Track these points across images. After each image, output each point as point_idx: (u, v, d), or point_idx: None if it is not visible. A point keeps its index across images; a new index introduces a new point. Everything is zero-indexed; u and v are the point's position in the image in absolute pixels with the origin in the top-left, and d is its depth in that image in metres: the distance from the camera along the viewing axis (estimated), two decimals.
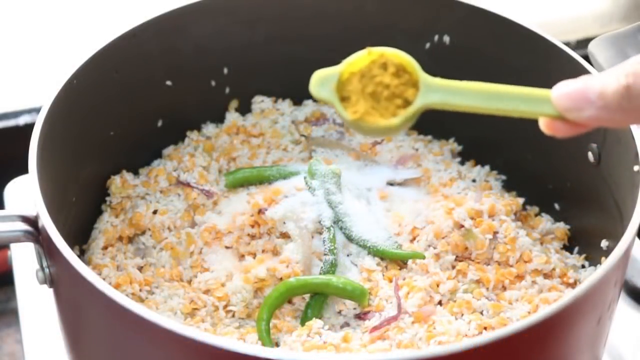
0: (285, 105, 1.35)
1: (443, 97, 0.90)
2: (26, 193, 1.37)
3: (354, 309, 1.12)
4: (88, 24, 1.85)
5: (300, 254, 1.15)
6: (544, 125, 0.89)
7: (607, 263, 0.95)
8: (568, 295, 0.91)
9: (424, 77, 0.91)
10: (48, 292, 1.06)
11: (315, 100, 1.35)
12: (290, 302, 1.14)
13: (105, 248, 1.19)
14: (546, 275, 1.17)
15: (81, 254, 1.19)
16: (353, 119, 0.90)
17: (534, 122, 1.24)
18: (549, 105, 0.88)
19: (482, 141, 1.31)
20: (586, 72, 1.14)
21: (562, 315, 0.91)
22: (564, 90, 0.87)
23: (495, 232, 1.17)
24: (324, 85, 0.92)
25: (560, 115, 0.87)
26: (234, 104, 1.34)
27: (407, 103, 0.91)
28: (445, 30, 1.27)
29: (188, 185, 1.23)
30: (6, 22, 1.86)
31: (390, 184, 1.27)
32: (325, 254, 1.16)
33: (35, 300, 1.31)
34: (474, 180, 1.30)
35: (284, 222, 1.18)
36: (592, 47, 1.20)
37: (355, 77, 0.92)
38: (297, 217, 1.18)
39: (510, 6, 1.58)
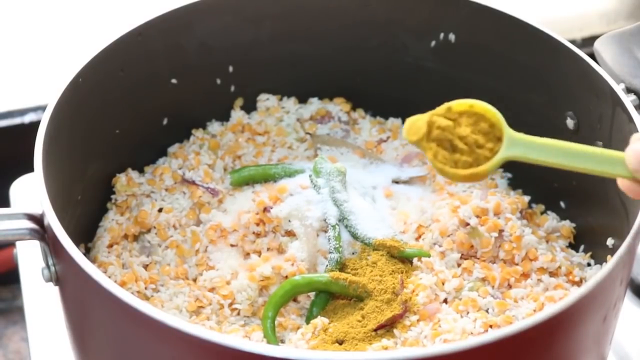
0: (291, 103, 1.35)
1: (524, 151, 0.96)
2: (32, 191, 1.38)
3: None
4: (93, 22, 1.85)
5: (305, 252, 1.16)
6: (621, 184, 0.90)
7: (613, 261, 0.95)
8: (574, 294, 0.91)
9: (508, 131, 0.97)
10: (54, 290, 1.06)
11: (320, 98, 1.35)
12: (295, 300, 1.14)
13: (110, 246, 1.19)
14: (552, 274, 1.17)
15: (87, 252, 1.19)
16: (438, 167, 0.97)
17: (540, 120, 1.25)
18: (623, 166, 0.90)
19: None
20: (592, 70, 1.14)
21: (568, 313, 0.91)
22: (636, 151, 0.86)
23: (501, 230, 1.17)
24: (416, 132, 0.98)
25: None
26: (239, 102, 1.34)
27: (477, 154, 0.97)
28: (450, 28, 1.27)
29: (193, 183, 1.23)
30: (12, 20, 1.87)
31: (396, 182, 1.27)
32: (330, 252, 1.16)
33: (41, 298, 1.31)
34: None
35: (289, 220, 1.18)
36: (598, 45, 1.20)
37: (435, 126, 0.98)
38: (302, 215, 1.18)
39: (516, 4, 1.58)
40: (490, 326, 1.09)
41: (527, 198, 1.24)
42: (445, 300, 1.13)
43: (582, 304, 0.92)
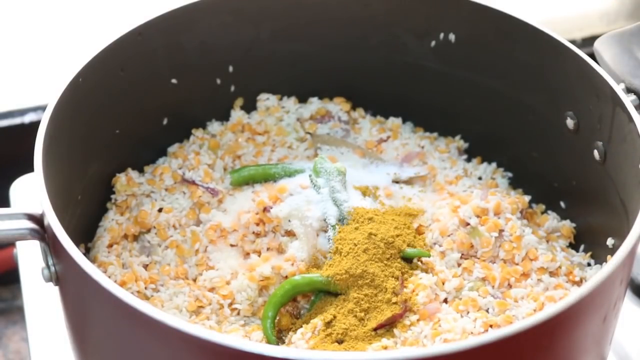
0: (291, 102, 1.35)
1: None
2: (32, 191, 1.38)
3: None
4: (94, 22, 1.85)
5: (305, 252, 1.16)
6: None
7: (613, 261, 0.95)
8: (574, 294, 0.91)
9: None
10: (54, 290, 1.06)
11: (320, 98, 1.35)
12: (295, 300, 1.14)
13: (110, 246, 1.19)
14: (552, 273, 1.17)
15: (87, 252, 1.19)
16: None
17: (540, 121, 1.25)
18: None
19: (488, 138, 1.31)
20: (592, 70, 1.14)
21: (568, 313, 0.91)
22: None
23: (501, 230, 1.17)
24: None
25: None
26: (239, 101, 1.34)
27: None
28: (450, 28, 1.27)
29: (193, 183, 1.23)
30: (12, 20, 1.87)
31: (396, 182, 1.27)
32: (330, 252, 1.16)
33: (41, 298, 1.31)
34: (480, 178, 1.30)
35: (289, 220, 1.18)
36: (597, 45, 1.20)
37: None
38: (302, 215, 1.18)
39: (516, 4, 1.58)
40: (491, 326, 1.09)
41: (527, 198, 1.24)
42: (445, 300, 1.13)
43: (582, 304, 0.92)
